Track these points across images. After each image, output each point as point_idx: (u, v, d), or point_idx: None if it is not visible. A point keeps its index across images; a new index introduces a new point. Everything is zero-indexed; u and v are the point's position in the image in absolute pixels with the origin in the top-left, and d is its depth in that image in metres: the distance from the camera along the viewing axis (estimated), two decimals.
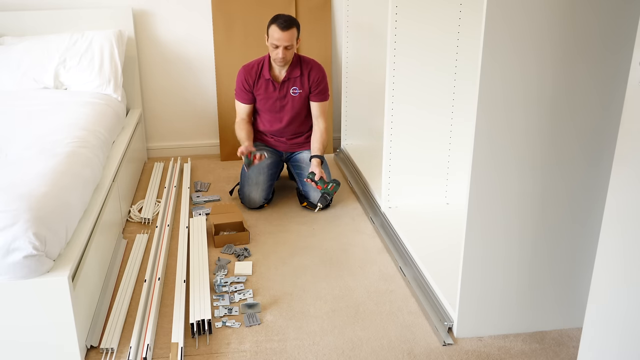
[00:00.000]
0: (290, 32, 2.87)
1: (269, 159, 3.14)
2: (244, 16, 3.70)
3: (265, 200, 3.10)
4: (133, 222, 2.98)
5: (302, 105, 3.11)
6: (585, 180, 1.91)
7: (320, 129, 3.13)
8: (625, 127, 1.31)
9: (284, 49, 2.89)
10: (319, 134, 3.12)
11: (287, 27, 2.86)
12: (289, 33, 2.86)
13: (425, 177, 2.93)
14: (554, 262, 2.02)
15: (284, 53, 2.90)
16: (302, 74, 3.05)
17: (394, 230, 2.74)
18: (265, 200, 3.10)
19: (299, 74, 3.05)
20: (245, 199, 3.10)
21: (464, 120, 2.84)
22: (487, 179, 1.87)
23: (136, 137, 3.51)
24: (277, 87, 3.06)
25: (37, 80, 3.33)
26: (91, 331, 2.03)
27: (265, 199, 3.10)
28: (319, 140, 3.11)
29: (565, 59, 1.75)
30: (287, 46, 2.89)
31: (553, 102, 1.80)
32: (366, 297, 2.32)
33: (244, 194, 3.11)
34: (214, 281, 2.37)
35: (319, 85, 3.07)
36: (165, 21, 3.74)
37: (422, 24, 2.67)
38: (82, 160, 2.34)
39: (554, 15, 1.70)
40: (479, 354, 1.98)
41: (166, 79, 3.86)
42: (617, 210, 1.35)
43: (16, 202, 1.83)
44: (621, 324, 1.37)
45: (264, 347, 2.02)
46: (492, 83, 1.75)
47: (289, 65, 3.03)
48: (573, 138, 1.85)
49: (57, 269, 1.85)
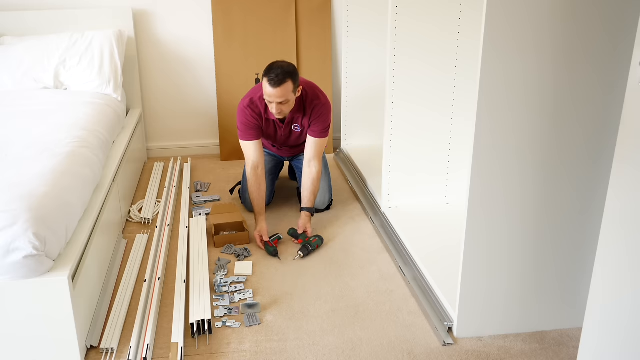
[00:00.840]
0: (282, 87, 2.52)
1: (271, 163, 3.11)
2: (244, 16, 3.70)
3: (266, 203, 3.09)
4: (133, 222, 2.98)
5: (302, 138, 2.94)
6: (585, 180, 1.91)
7: (312, 175, 2.81)
8: (625, 127, 1.31)
9: (278, 104, 2.59)
10: (311, 181, 2.81)
11: (279, 83, 2.51)
12: (281, 89, 2.52)
13: (425, 177, 2.93)
14: (554, 262, 2.02)
15: (278, 108, 2.60)
16: (305, 114, 2.78)
17: (394, 230, 2.74)
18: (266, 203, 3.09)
19: (302, 114, 2.78)
20: (247, 203, 3.06)
21: (464, 120, 2.84)
22: (487, 178, 1.87)
23: (136, 137, 3.51)
24: (281, 126, 2.84)
25: (37, 80, 3.33)
26: (91, 331, 2.03)
27: (266, 202, 3.08)
28: (310, 190, 2.82)
29: (566, 57, 1.75)
30: (281, 102, 2.58)
31: (553, 101, 1.80)
32: (366, 297, 2.32)
33: (245, 198, 3.08)
34: (214, 281, 2.37)
35: (317, 122, 2.77)
36: (165, 21, 3.74)
37: (422, 23, 2.67)
38: (82, 160, 2.34)
39: (554, 13, 1.70)
40: (479, 354, 1.98)
41: (166, 79, 3.86)
42: (617, 210, 1.35)
43: (16, 202, 1.83)
44: (621, 324, 1.37)
45: (264, 347, 2.02)
46: (493, 83, 1.75)
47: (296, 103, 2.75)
48: (573, 138, 1.85)
49: (57, 269, 1.85)
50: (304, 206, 2.84)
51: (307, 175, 2.83)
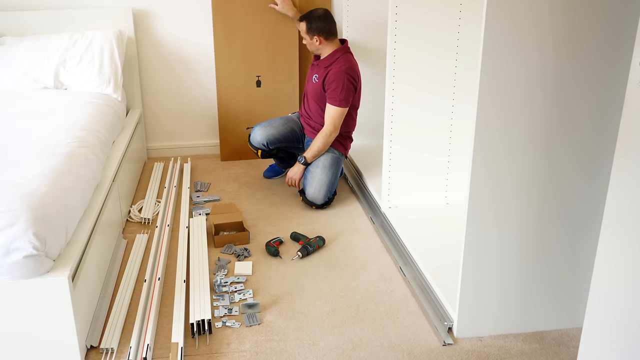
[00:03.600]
0: (300, 24, 3.11)
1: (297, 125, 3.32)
2: (244, 16, 3.69)
3: (264, 145, 3.23)
4: (133, 222, 2.98)
5: (318, 94, 3.13)
6: (585, 180, 1.91)
7: (322, 132, 3.08)
8: (625, 126, 1.31)
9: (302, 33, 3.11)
10: (318, 135, 3.10)
11: (301, 19, 3.11)
12: (300, 25, 3.12)
13: (425, 177, 2.93)
14: (554, 262, 2.02)
15: (303, 37, 3.12)
16: (326, 67, 3.08)
17: (394, 230, 2.74)
18: (264, 145, 3.23)
19: (325, 65, 3.09)
20: (251, 136, 3.31)
21: (465, 120, 2.84)
22: (487, 178, 1.87)
23: (136, 137, 3.51)
24: (311, 69, 3.21)
25: (37, 80, 3.33)
26: (91, 331, 2.03)
27: (264, 144, 3.22)
28: (315, 141, 3.10)
29: (567, 52, 1.74)
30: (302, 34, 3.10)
31: (554, 100, 1.79)
32: (366, 297, 2.32)
33: (253, 131, 3.31)
34: (214, 281, 2.37)
35: (329, 86, 3.04)
36: (165, 21, 3.74)
37: (422, 21, 2.67)
38: (82, 160, 2.34)
39: (556, 6, 1.70)
40: (479, 354, 1.98)
41: (166, 79, 3.86)
42: (617, 209, 1.35)
43: (16, 202, 1.84)
44: (621, 324, 1.37)
45: (264, 347, 2.02)
46: (493, 82, 1.75)
47: (327, 56, 3.11)
48: (574, 137, 1.85)
49: (57, 269, 1.85)
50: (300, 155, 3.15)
51: None
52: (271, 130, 3.25)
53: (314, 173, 3.08)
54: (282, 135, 3.26)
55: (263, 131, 3.25)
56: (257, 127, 3.29)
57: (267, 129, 3.25)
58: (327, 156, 3.11)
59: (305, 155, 3.11)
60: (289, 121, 3.32)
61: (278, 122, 3.30)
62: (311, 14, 3.06)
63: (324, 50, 3.10)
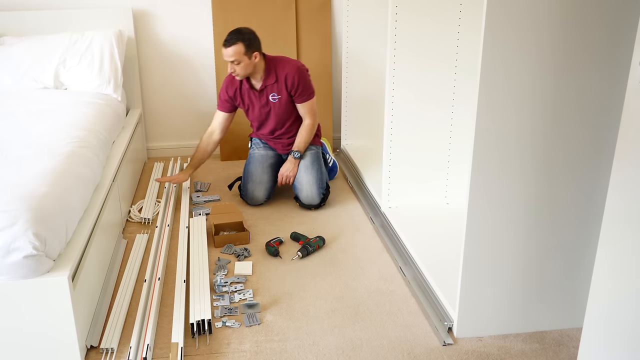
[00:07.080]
0: (232, 48, 2.83)
1: (272, 158, 3.20)
2: (244, 16, 3.70)
3: (267, 198, 3.16)
4: (133, 222, 2.98)
5: (285, 110, 3.07)
6: (585, 180, 1.91)
7: (304, 125, 3.11)
8: (625, 127, 1.31)
9: (231, 64, 2.88)
10: (301, 129, 3.12)
11: (229, 43, 2.84)
12: (231, 49, 2.83)
13: (425, 177, 2.93)
14: (554, 261, 2.02)
15: (232, 68, 2.90)
16: (278, 80, 2.99)
17: (394, 230, 2.74)
18: (267, 198, 3.16)
19: (275, 79, 3.00)
20: (248, 197, 3.14)
21: (465, 120, 2.84)
22: (487, 178, 1.87)
23: (136, 137, 3.51)
24: (257, 96, 3.05)
25: (37, 80, 3.33)
26: (91, 331, 2.03)
27: (267, 197, 3.16)
28: (300, 134, 3.10)
29: (565, 50, 1.74)
30: (233, 61, 2.87)
31: (554, 100, 1.79)
32: (366, 297, 2.32)
33: (246, 191, 3.14)
34: (214, 281, 2.37)
35: (297, 88, 2.99)
36: (165, 21, 3.74)
37: (422, 23, 2.67)
38: (82, 160, 2.34)
39: (555, 12, 1.70)
40: (479, 354, 1.98)
41: (166, 79, 3.86)
42: (617, 209, 1.35)
43: (16, 202, 1.83)
44: (621, 324, 1.37)
45: (264, 347, 2.02)
46: (493, 82, 1.75)
47: (263, 73, 2.99)
48: (574, 137, 1.85)
49: (57, 269, 1.85)
50: (293, 149, 3.10)
51: (301, 126, 3.14)
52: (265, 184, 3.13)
53: (300, 177, 3.08)
54: (274, 178, 3.19)
55: (260, 188, 3.12)
56: (249, 185, 3.13)
57: (262, 185, 3.13)
58: (305, 156, 3.12)
59: (298, 149, 3.09)
60: (262, 162, 3.17)
61: (259, 169, 3.14)
62: (240, 34, 2.86)
63: (259, 65, 2.96)
